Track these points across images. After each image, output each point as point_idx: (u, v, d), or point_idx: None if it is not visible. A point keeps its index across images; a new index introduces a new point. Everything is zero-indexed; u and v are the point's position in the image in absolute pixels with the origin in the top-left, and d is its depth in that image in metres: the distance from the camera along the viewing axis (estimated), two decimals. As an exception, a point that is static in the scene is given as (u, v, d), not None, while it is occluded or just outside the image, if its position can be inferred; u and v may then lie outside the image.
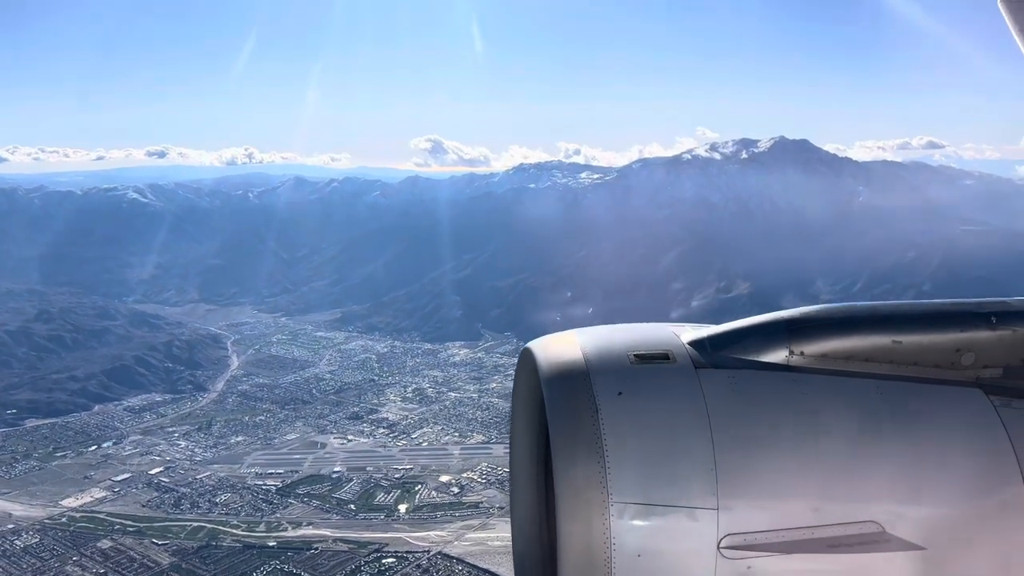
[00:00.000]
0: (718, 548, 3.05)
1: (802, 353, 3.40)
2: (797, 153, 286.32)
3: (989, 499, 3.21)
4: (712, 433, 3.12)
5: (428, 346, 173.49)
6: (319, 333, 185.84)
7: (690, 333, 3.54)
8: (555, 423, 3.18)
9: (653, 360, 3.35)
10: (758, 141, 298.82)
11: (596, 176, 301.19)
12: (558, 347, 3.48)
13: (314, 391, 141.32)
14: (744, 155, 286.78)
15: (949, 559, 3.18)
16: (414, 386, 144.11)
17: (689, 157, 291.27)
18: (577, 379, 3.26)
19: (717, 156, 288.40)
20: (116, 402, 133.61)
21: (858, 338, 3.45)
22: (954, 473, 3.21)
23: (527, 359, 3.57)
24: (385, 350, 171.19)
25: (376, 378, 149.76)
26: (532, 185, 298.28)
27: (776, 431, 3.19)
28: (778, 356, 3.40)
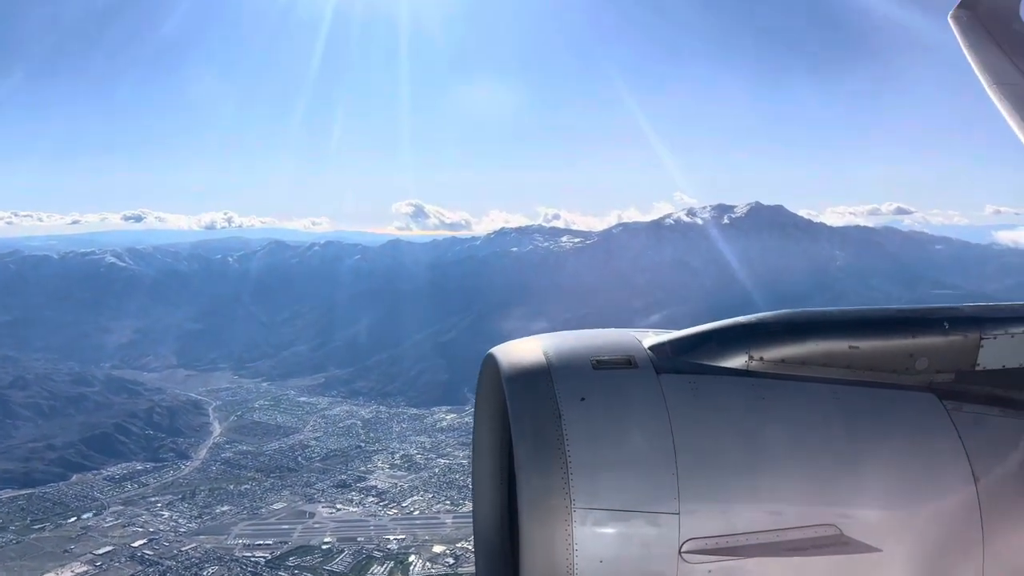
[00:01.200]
0: (679, 553, 3.07)
1: (761, 358, 3.44)
2: (773, 218, 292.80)
3: (942, 501, 3.28)
4: (674, 438, 3.14)
5: (414, 411, 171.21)
6: (302, 398, 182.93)
7: (651, 338, 3.56)
8: (518, 429, 3.17)
9: (615, 365, 3.35)
10: (734, 206, 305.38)
11: (577, 240, 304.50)
12: (521, 353, 3.47)
13: (300, 458, 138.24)
14: (724, 220, 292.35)
15: (904, 560, 3.24)
16: (402, 452, 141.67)
17: (672, 222, 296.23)
18: (540, 385, 3.26)
19: (698, 221, 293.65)
20: (95, 471, 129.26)
21: (816, 344, 3.49)
22: (908, 476, 3.29)
23: (490, 365, 3.56)
24: (370, 415, 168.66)
25: (362, 444, 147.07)
26: (514, 249, 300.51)
27: (736, 436, 3.23)
28: (738, 361, 3.44)
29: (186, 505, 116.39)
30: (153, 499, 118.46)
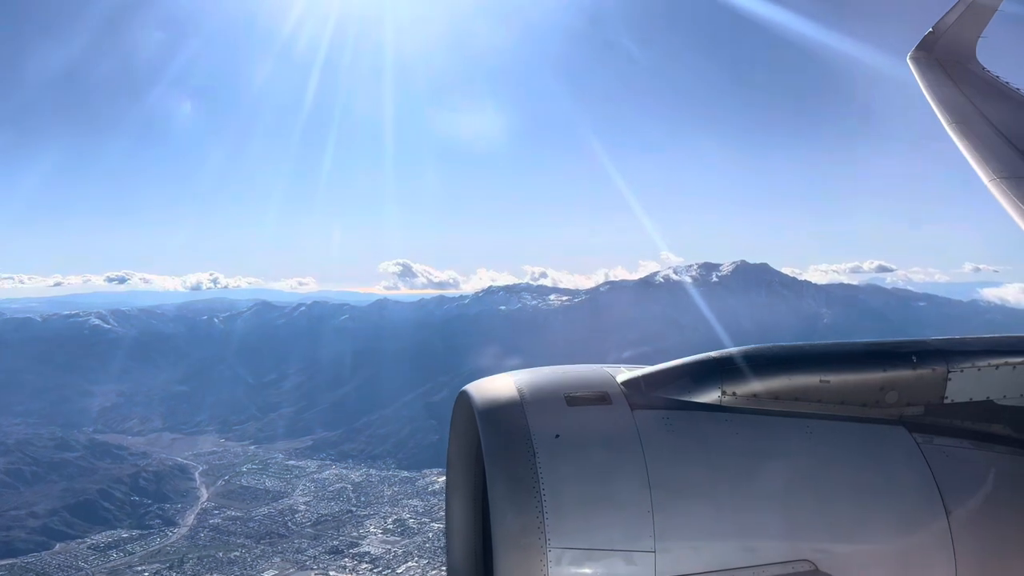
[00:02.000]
0: None
1: (734, 393, 3.46)
2: (759, 276, 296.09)
3: (916, 534, 3.31)
4: (649, 475, 3.13)
5: (405, 474, 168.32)
6: (290, 462, 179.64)
7: (625, 374, 3.56)
8: (492, 467, 3.15)
9: (589, 401, 3.35)
10: (720, 265, 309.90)
11: (565, 298, 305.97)
12: (495, 389, 3.45)
13: (290, 524, 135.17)
14: (711, 278, 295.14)
15: None
16: (394, 517, 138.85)
17: (661, 280, 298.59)
18: (514, 422, 3.24)
19: (686, 279, 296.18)
20: (80, 540, 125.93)
21: (787, 378, 3.52)
22: (881, 510, 3.31)
23: (464, 402, 3.53)
24: (360, 479, 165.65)
25: (354, 509, 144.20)
26: (503, 307, 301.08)
27: (710, 472, 3.23)
28: (711, 396, 3.45)
29: (174, 574, 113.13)
30: (140, 568, 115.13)
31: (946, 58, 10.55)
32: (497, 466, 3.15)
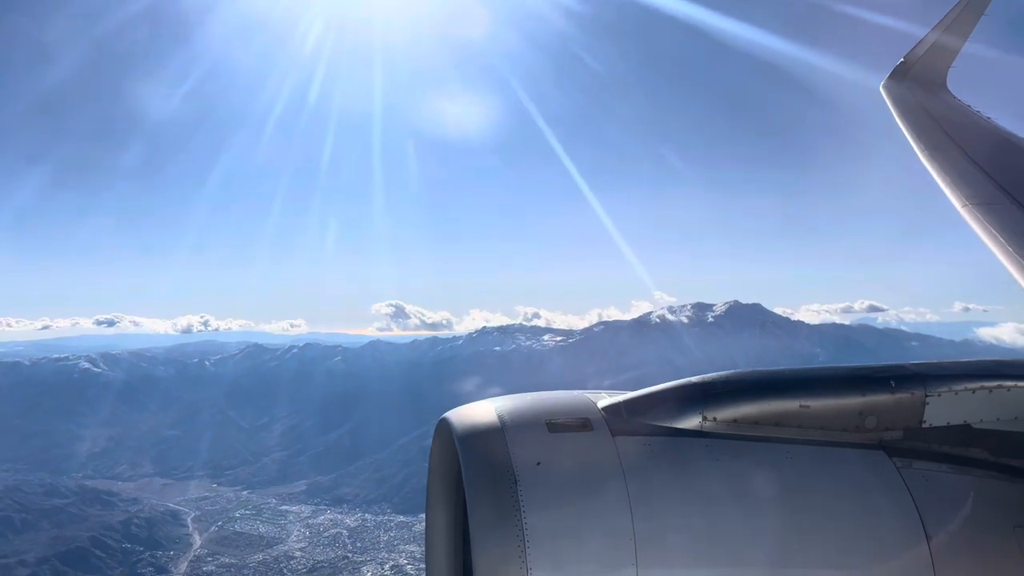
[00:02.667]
0: None
1: (715, 419, 3.45)
2: (752, 316, 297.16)
3: (897, 560, 3.30)
4: (630, 503, 3.12)
5: (401, 518, 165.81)
6: (284, 507, 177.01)
7: (606, 400, 3.55)
8: (472, 495, 3.12)
9: (571, 428, 3.33)
10: (713, 305, 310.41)
11: (559, 338, 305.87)
12: (475, 416, 3.42)
13: (285, 571, 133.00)
14: (706, 319, 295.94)
15: None
16: (391, 563, 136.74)
17: (657, 320, 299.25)
18: (495, 450, 3.21)
19: (682, 319, 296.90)
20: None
21: (767, 403, 3.51)
22: (863, 535, 3.30)
23: (444, 429, 3.50)
24: (356, 524, 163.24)
25: (350, 555, 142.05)
26: (497, 348, 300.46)
27: (692, 499, 3.22)
28: (692, 422, 3.44)
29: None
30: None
31: (918, 87, 10.74)
32: (477, 494, 3.12)
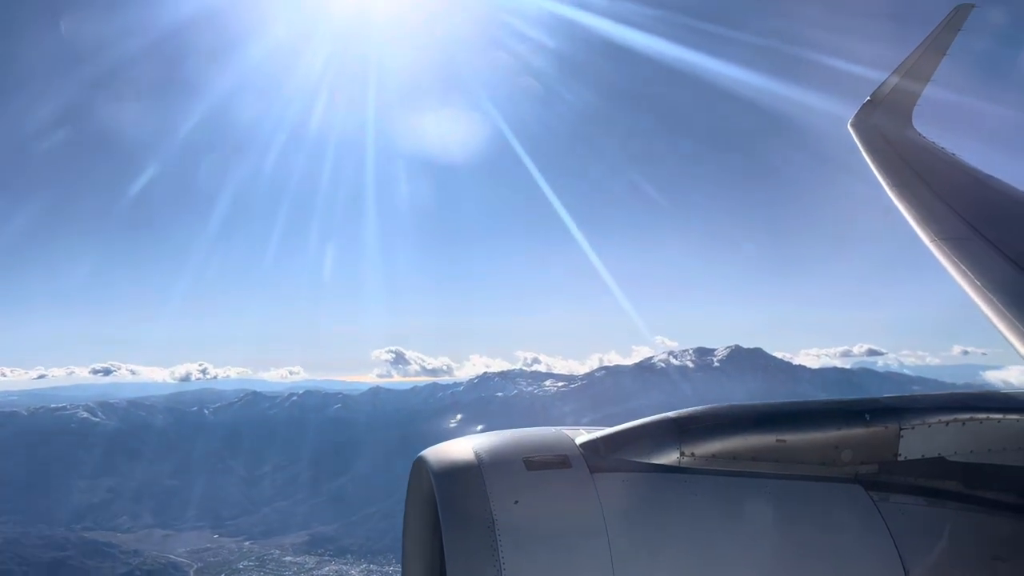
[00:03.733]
0: None
1: (692, 454, 3.44)
2: (754, 360, 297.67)
3: None
4: (609, 540, 3.09)
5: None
6: (288, 558, 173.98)
7: (584, 436, 3.53)
8: (449, 535, 3.08)
9: (549, 465, 3.29)
10: (715, 350, 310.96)
11: (561, 384, 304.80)
12: (452, 455, 3.38)
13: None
14: (709, 363, 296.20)
15: None
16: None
17: (663, 365, 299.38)
18: (471, 489, 3.18)
19: (688, 363, 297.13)
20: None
21: (744, 438, 3.50)
22: (841, 570, 3.31)
23: (420, 468, 3.45)
24: (361, 575, 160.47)
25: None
26: (499, 393, 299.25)
27: (671, 535, 3.20)
28: (670, 458, 3.42)
29: None
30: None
31: (886, 124, 10.99)
32: (454, 533, 3.08)
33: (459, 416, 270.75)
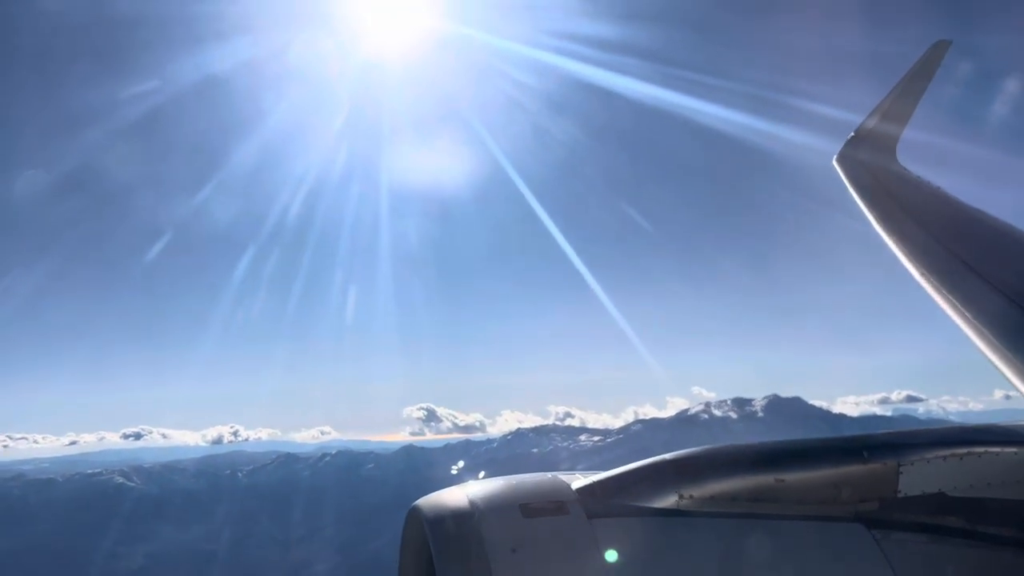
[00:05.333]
0: None
1: (691, 496, 3.35)
2: (793, 410, 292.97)
3: None
4: None
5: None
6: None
7: (580, 481, 3.44)
8: None
9: (546, 512, 3.20)
10: (752, 399, 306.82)
11: (597, 438, 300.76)
12: (446, 503, 3.30)
13: None
14: (753, 413, 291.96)
15: None
16: None
17: (706, 417, 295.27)
18: (467, 538, 3.09)
19: (731, 415, 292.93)
20: None
21: (743, 479, 3.44)
22: None
23: (415, 518, 3.37)
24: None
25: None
26: (535, 449, 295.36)
27: None
28: (668, 500, 3.33)
29: None
30: None
31: (872, 158, 10.77)
32: None
33: (497, 474, 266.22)
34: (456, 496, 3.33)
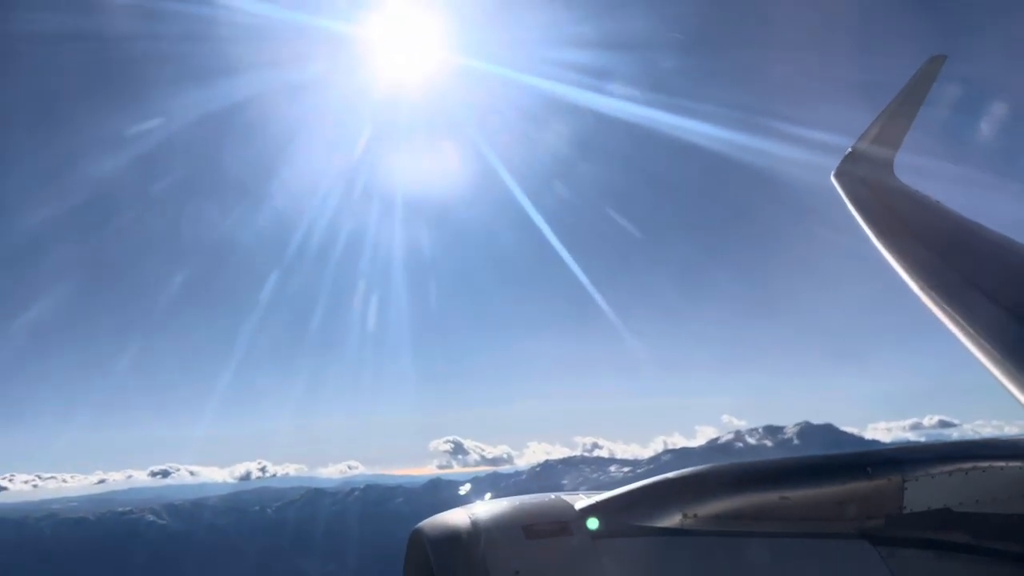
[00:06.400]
0: None
1: (695, 515, 3.31)
2: (824, 437, 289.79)
3: None
4: None
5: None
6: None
7: (583, 501, 3.41)
8: None
9: (549, 533, 3.16)
10: (784, 427, 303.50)
11: (627, 469, 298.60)
12: (449, 525, 3.27)
13: None
14: (789, 441, 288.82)
15: None
16: None
17: (741, 446, 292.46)
18: (470, 560, 3.07)
19: (767, 442, 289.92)
20: None
21: (747, 497, 3.41)
22: None
23: (417, 540, 3.34)
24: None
25: None
26: (564, 481, 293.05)
27: None
28: (673, 520, 3.30)
29: None
30: None
31: (869, 173, 10.78)
32: None
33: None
34: (459, 518, 3.29)
